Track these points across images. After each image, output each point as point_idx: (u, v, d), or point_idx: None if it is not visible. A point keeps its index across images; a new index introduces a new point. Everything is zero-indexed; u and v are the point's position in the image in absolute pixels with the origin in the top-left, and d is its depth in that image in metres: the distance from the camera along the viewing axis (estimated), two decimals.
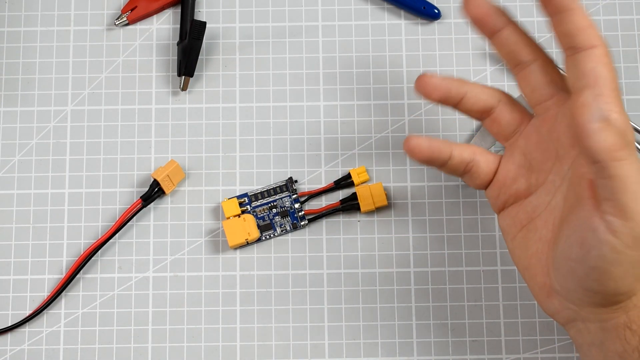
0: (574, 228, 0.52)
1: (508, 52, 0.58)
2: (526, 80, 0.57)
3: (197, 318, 0.64)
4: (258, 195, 0.66)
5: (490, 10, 0.57)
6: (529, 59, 0.57)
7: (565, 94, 0.56)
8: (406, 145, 0.58)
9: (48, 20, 0.69)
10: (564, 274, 0.53)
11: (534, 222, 0.56)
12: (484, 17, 0.57)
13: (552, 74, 0.57)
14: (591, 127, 0.48)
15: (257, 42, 0.69)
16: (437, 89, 0.58)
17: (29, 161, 0.67)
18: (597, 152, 0.48)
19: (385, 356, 0.63)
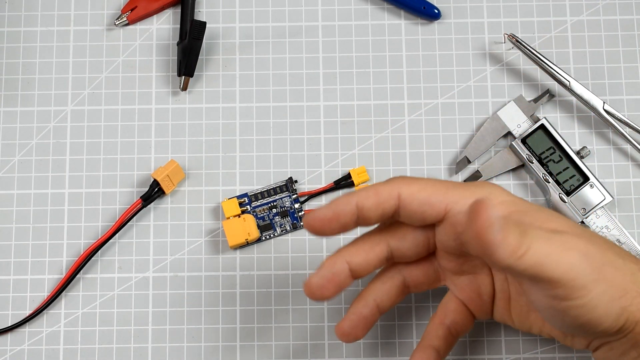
0: (538, 309, 0.53)
1: (374, 266, 0.55)
2: (404, 256, 0.56)
3: (197, 318, 0.64)
4: (258, 195, 0.66)
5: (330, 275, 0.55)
6: (386, 251, 0.55)
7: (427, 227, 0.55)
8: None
9: (48, 20, 0.69)
10: (569, 333, 0.55)
11: (512, 299, 0.57)
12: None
13: (406, 233, 0.56)
14: (495, 245, 0.47)
15: (257, 42, 0.69)
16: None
17: (29, 161, 0.67)
18: (504, 262, 0.48)
19: (385, 356, 0.63)
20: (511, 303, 0.57)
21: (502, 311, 0.58)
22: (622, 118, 0.65)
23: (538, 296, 0.51)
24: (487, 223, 0.47)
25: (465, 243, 0.51)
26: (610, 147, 0.66)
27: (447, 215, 0.53)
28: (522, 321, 0.57)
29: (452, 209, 0.53)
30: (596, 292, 0.50)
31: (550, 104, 0.67)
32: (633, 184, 0.66)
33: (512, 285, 0.56)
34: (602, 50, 0.68)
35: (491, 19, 0.69)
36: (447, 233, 0.54)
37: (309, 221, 0.53)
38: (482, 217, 0.47)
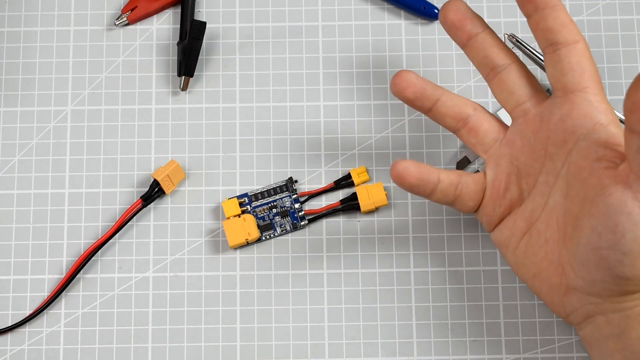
0: (603, 217, 0.51)
1: (483, 57, 0.58)
2: (503, 83, 0.58)
3: (197, 318, 0.64)
4: (258, 195, 0.66)
5: (468, 14, 0.58)
6: (504, 62, 0.58)
7: (541, 94, 0.57)
8: (394, 170, 0.57)
9: (48, 20, 0.69)
10: (591, 267, 0.52)
11: (535, 226, 0.56)
12: (461, 22, 0.58)
13: (528, 76, 0.58)
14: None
15: (257, 42, 0.69)
16: (412, 85, 0.58)
17: (29, 161, 0.67)
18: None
19: (385, 356, 0.63)
20: (532, 230, 0.56)
21: (514, 232, 0.57)
22: (622, 118, 0.65)
23: (623, 198, 0.50)
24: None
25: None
26: None
27: (578, 93, 0.55)
28: (525, 254, 0.57)
29: (588, 93, 0.55)
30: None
31: None
32: None
33: (546, 213, 0.56)
34: (602, 50, 0.68)
35: (491, 19, 0.69)
36: (562, 107, 0.55)
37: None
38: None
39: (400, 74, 0.59)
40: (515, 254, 0.57)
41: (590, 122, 0.54)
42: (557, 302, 0.56)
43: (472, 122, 0.59)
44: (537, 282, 0.56)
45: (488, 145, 0.58)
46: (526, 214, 0.57)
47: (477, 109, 0.59)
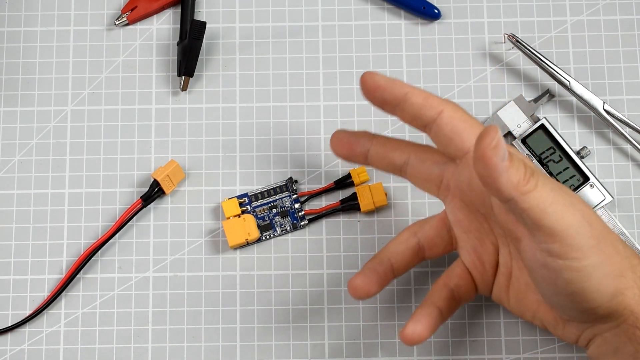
0: (531, 270, 0.53)
1: (385, 165, 0.58)
2: (414, 176, 0.58)
3: (197, 318, 0.64)
4: (258, 195, 0.66)
5: (351, 139, 0.58)
6: (404, 158, 0.58)
7: (450, 165, 0.56)
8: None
9: (48, 20, 0.69)
10: (560, 307, 0.54)
11: (513, 275, 0.57)
12: (350, 150, 0.58)
13: (431, 156, 0.57)
14: (497, 172, 0.48)
15: (257, 42, 0.69)
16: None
17: (29, 161, 0.67)
18: (507, 191, 0.48)
19: (385, 356, 0.63)
20: (511, 280, 0.57)
21: (502, 288, 0.58)
22: (622, 118, 0.65)
23: (533, 251, 0.51)
24: (492, 144, 0.47)
25: (475, 178, 0.51)
26: (610, 147, 0.66)
27: (467, 155, 0.54)
28: (518, 302, 0.57)
29: (472, 145, 0.54)
30: (592, 260, 0.50)
31: (550, 104, 0.67)
32: (633, 184, 0.66)
33: (515, 260, 0.56)
34: (602, 50, 0.68)
35: (491, 19, 0.69)
36: (463, 173, 0.55)
37: (368, 78, 0.54)
38: (488, 138, 0.47)
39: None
40: (510, 305, 0.58)
41: None
42: (561, 334, 0.57)
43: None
44: (538, 321, 0.58)
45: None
46: (502, 269, 0.57)
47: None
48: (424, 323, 0.56)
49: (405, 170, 0.58)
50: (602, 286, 0.51)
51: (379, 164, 0.58)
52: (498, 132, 0.47)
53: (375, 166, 0.59)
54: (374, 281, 0.57)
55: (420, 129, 0.55)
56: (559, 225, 0.49)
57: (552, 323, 0.56)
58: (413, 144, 0.58)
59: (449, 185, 0.57)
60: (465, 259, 0.58)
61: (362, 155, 0.58)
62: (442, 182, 0.57)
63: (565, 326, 0.56)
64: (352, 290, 0.58)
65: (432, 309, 0.57)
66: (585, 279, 0.50)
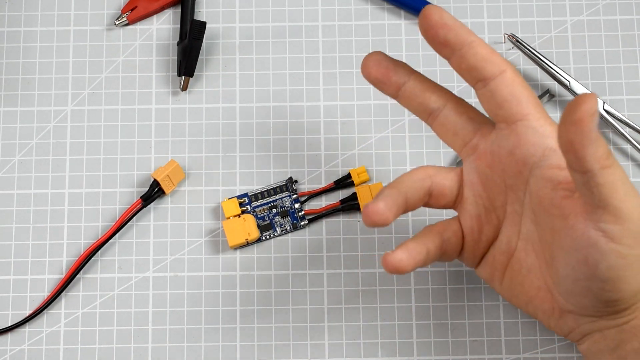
0: (571, 249, 0.51)
1: (417, 104, 0.56)
2: (444, 126, 0.56)
3: (197, 318, 0.64)
4: (258, 195, 0.66)
5: (390, 66, 0.55)
6: (439, 104, 0.55)
7: (486, 126, 0.55)
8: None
9: (48, 20, 0.69)
10: (576, 295, 0.52)
11: (515, 256, 0.56)
12: (385, 76, 0.55)
13: (467, 111, 0.56)
14: (589, 140, 0.46)
15: (257, 42, 0.69)
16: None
17: (29, 161, 0.67)
18: (590, 162, 0.47)
19: (385, 356, 0.63)
20: (511, 260, 0.56)
21: (496, 265, 0.56)
22: (622, 118, 0.65)
23: (585, 230, 0.50)
24: (592, 110, 0.45)
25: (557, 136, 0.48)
26: (610, 147, 0.66)
27: (520, 122, 0.53)
28: (512, 285, 0.56)
29: (529, 120, 0.53)
30: (638, 253, 0.49)
31: (550, 104, 0.67)
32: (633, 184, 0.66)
33: (522, 241, 0.55)
34: (602, 50, 0.68)
35: (491, 19, 0.69)
36: (508, 139, 0.53)
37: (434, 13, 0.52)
38: (589, 103, 0.45)
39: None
40: (502, 286, 0.57)
41: (539, 149, 0.53)
42: (553, 325, 0.56)
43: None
44: (531, 309, 0.56)
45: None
46: (503, 246, 0.56)
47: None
48: (411, 255, 0.54)
49: (436, 116, 0.55)
50: (635, 279, 0.50)
51: (411, 102, 0.55)
52: (596, 100, 0.46)
53: (405, 103, 0.56)
54: (393, 210, 0.54)
55: (470, 82, 0.53)
56: (626, 207, 0.48)
57: (547, 312, 0.55)
58: (452, 94, 0.56)
59: (478, 146, 0.55)
60: (465, 221, 0.56)
61: (395, 86, 0.55)
62: (472, 140, 0.55)
63: (562, 317, 0.55)
64: (373, 215, 0.53)
65: (423, 247, 0.55)
66: (625, 268, 0.50)
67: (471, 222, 0.56)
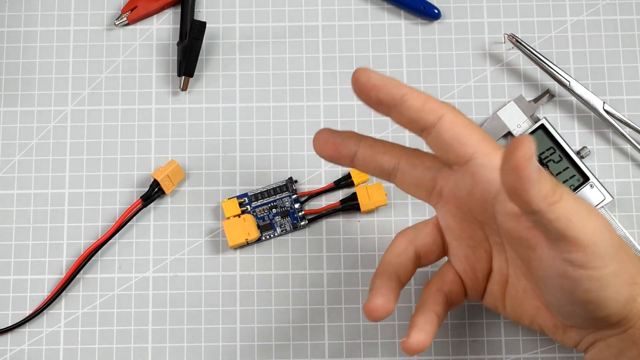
0: (546, 279, 0.52)
1: (373, 169, 0.56)
2: (404, 182, 0.56)
3: (197, 318, 0.64)
4: (258, 195, 0.66)
5: (337, 140, 0.55)
6: (394, 162, 0.55)
7: (444, 170, 0.55)
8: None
9: (48, 20, 0.69)
10: (568, 315, 0.53)
11: (509, 283, 0.56)
12: (336, 152, 0.55)
13: (422, 161, 0.55)
14: (530, 183, 0.46)
15: (257, 42, 0.69)
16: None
17: (29, 161, 0.67)
18: (536, 203, 0.47)
19: (385, 356, 0.63)
20: (507, 287, 0.56)
21: (496, 295, 0.57)
22: (622, 118, 0.65)
23: (552, 261, 0.50)
24: (528, 155, 0.45)
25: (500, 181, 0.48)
26: (610, 147, 0.66)
27: (469, 162, 0.53)
28: (514, 308, 0.57)
29: (477, 158, 0.52)
30: (611, 269, 0.50)
31: (550, 104, 0.67)
32: (633, 184, 0.66)
33: (512, 268, 0.55)
34: (602, 50, 0.68)
35: (491, 19, 0.69)
36: (463, 180, 0.53)
37: (361, 75, 0.52)
38: (524, 148, 0.45)
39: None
40: (507, 312, 0.57)
41: (493, 185, 0.53)
42: (560, 339, 0.56)
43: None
44: (537, 327, 0.57)
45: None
46: (496, 276, 0.56)
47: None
48: (427, 331, 0.55)
49: (394, 175, 0.56)
50: (617, 294, 0.51)
51: (367, 167, 0.56)
52: (533, 142, 0.46)
53: (362, 170, 0.56)
54: (391, 299, 0.55)
55: (416, 133, 0.54)
56: (583, 234, 0.49)
57: (552, 329, 0.56)
58: (403, 148, 0.56)
59: (442, 191, 0.55)
60: (456, 265, 0.57)
61: (348, 158, 0.56)
62: (435, 188, 0.55)
63: (566, 332, 0.55)
64: (374, 312, 0.54)
65: (431, 315, 0.55)
66: (603, 288, 0.50)
67: (462, 264, 0.57)
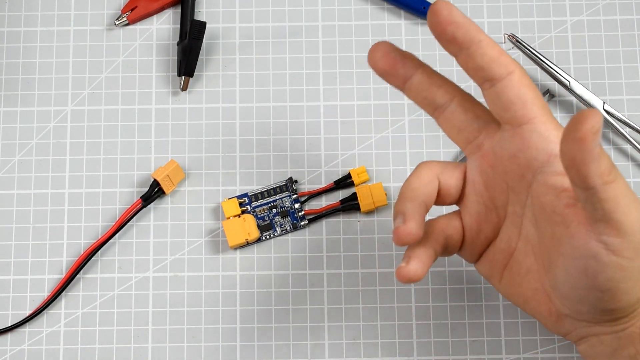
0: (571, 258, 0.51)
1: (423, 99, 0.54)
2: (449, 122, 0.55)
3: (197, 318, 0.64)
4: (258, 195, 0.66)
5: (398, 57, 0.54)
6: (446, 99, 0.54)
7: (492, 125, 0.54)
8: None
9: (48, 20, 0.69)
10: (573, 301, 0.52)
11: (514, 257, 0.55)
12: (392, 68, 0.54)
13: (474, 108, 0.54)
14: (591, 157, 0.46)
15: (257, 42, 0.69)
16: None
17: (29, 161, 0.67)
18: (593, 178, 0.47)
19: (385, 356, 0.63)
20: (511, 261, 0.55)
21: (495, 264, 0.56)
22: (622, 118, 0.65)
23: (586, 240, 0.49)
24: (595, 128, 0.45)
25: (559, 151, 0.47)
26: (610, 147, 0.66)
27: (525, 125, 0.52)
28: (510, 284, 0.56)
29: (535, 124, 0.52)
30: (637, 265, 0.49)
31: (550, 104, 0.67)
32: (633, 184, 0.66)
33: (522, 242, 0.54)
34: (602, 50, 0.68)
35: (491, 19, 0.69)
36: (512, 142, 0.52)
37: (444, 9, 0.51)
38: (592, 120, 0.44)
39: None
40: (501, 284, 0.56)
41: (543, 154, 0.52)
42: (551, 326, 0.55)
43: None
44: (529, 309, 0.56)
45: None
46: (502, 245, 0.55)
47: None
48: (424, 264, 0.54)
49: (442, 112, 0.54)
50: (634, 291, 0.50)
51: (418, 95, 0.54)
52: (601, 117, 0.45)
53: (411, 96, 0.55)
54: (422, 226, 0.53)
55: (477, 81, 0.52)
56: (627, 220, 0.48)
57: (545, 314, 0.55)
58: (459, 89, 0.54)
59: (482, 145, 0.54)
60: (465, 218, 0.56)
61: (402, 78, 0.54)
62: (477, 138, 0.54)
63: (559, 320, 0.55)
64: (408, 236, 0.53)
65: (431, 251, 0.54)
66: (624, 280, 0.50)
67: (470, 219, 0.56)
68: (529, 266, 0.55)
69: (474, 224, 0.56)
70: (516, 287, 0.56)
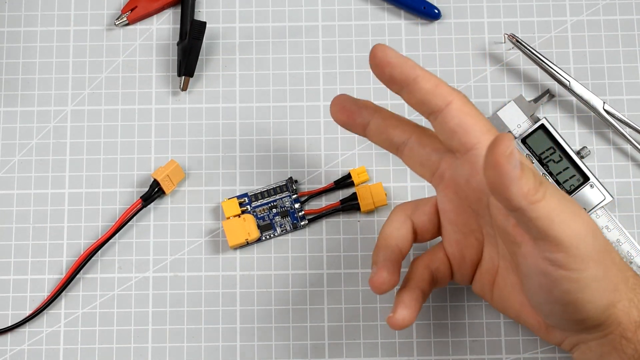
0: (528, 276, 0.52)
1: (383, 140, 0.57)
2: (410, 158, 0.57)
3: (197, 318, 0.64)
4: (258, 195, 0.66)
5: (353, 108, 0.56)
6: (404, 137, 0.56)
7: (449, 155, 0.55)
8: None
9: (48, 20, 0.69)
10: (549, 314, 0.54)
11: (499, 274, 0.57)
12: (350, 119, 0.56)
13: (431, 142, 0.56)
14: (510, 180, 0.47)
15: (257, 42, 0.69)
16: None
17: (29, 161, 0.67)
18: (517, 200, 0.47)
19: (385, 356, 0.63)
20: (497, 278, 0.57)
21: (484, 283, 0.57)
22: (622, 118, 0.65)
23: (534, 259, 0.50)
24: (507, 152, 0.46)
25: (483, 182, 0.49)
26: (610, 147, 0.66)
27: (471, 152, 0.53)
28: (501, 300, 0.57)
29: (479, 149, 0.53)
30: (592, 272, 0.50)
31: (550, 104, 0.67)
32: (633, 184, 0.66)
33: (502, 260, 0.56)
34: (602, 50, 0.68)
35: (491, 19, 0.69)
36: (463, 168, 0.54)
37: (379, 51, 0.53)
38: (503, 145, 0.46)
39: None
40: (493, 301, 0.58)
41: None
42: (544, 337, 0.57)
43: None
44: (522, 322, 0.57)
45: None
46: (488, 265, 0.57)
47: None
48: (412, 308, 0.56)
49: (402, 150, 0.57)
50: (597, 299, 0.51)
51: (377, 138, 0.57)
52: (512, 139, 0.46)
53: (372, 140, 0.57)
54: (396, 272, 0.56)
55: (424, 116, 0.54)
56: (565, 235, 0.49)
57: (536, 326, 0.56)
58: (415, 126, 0.57)
59: (444, 175, 0.56)
60: (447, 247, 0.58)
61: (361, 126, 0.57)
62: (438, 170, 0.56)
63: (549, 331, 0.56)
64: (382, 285, 0.55)
65: (417, 292, 0.56)
66: (582, 290, 0.50)
67: (452, 248, 0.57)
68: (512, 282, 0.56)
69: (456, 252, 0.57)
70: (506, 302, 0.57)
